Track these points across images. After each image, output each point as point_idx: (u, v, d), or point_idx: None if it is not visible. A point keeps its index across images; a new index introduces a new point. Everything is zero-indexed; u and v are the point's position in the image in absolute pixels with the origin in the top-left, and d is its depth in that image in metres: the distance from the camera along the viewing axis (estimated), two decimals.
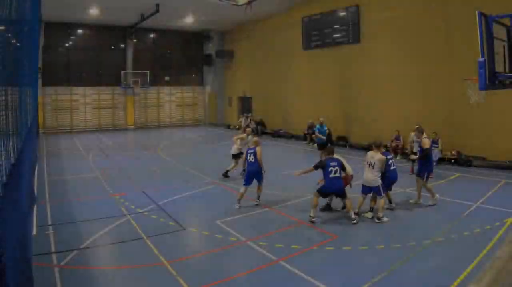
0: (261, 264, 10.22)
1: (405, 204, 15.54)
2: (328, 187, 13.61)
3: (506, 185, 18.36)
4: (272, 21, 40.02)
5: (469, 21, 21.09)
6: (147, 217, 14.21)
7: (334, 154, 14.28)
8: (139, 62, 45.91)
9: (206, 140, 36.68)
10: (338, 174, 13.59)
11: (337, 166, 13.66)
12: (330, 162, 13.74)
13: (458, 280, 9.08)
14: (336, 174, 13.55)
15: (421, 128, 16.99)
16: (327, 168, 13.60)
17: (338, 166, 13.67)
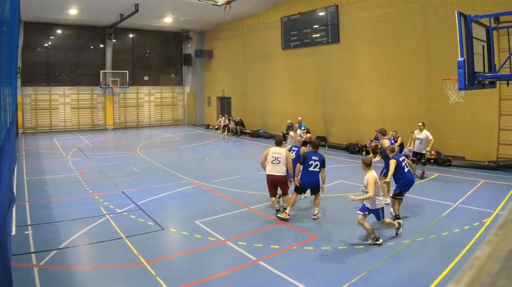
0: (241, 264, 10.25)
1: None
2: (304, 180, 13.72)
3: (485, 185, 18.48)
4: (252, 21, 39.95)
5: (448, 21, 21.33)
6: (126, 217, 14.16)
7: (318, 149, 14.41)
8: (118, 62, 45.66)
9: (185, 140, 36.60)
10: (318, 169, 13.67)
11: (318, 161, 13.70)
12: (312, 155, 13.84)
13: (437, 280, 9.17)
14: (316, 168, 13.64)
15: (384, 130, 17.34)
16: (308, 160, 13.72)
17: (319, 161, 13.72)
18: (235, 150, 32.04)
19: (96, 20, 40.72)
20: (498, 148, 22.01)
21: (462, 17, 10.26)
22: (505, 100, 21.55)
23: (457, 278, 0.75)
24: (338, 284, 9.10)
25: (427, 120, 24.40)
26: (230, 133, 40.05)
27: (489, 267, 0.73)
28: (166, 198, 16.83)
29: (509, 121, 21.66)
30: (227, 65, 45.44)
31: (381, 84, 27.68)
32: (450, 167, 22.45)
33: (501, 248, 0.80)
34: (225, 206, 15.50)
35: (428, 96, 24.59)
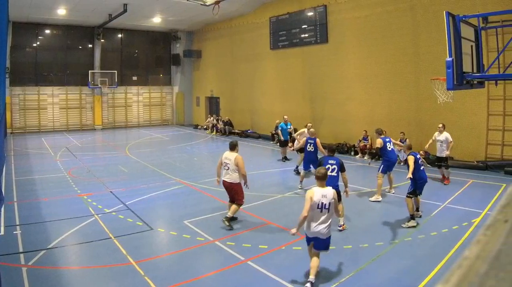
0: (229, 264, 10.25)
1: (371, 204, 15.69)
2: None
3: (474, 185, 18.54)
4: (240, 21, 39.88)
5: (437, 21, 21.38)
6: (115, 217, 14.15)
7: (334, 153, 14.00)
8: (107, 62, 45.52)
9: (174, 140, 36.50)
10: (335, 173, 12.86)
11: (335, 164, 13.00)
12: (328, 159, 13.22)
13: (425, 280, 9.19)
14: (333, 173, 12.75)
15: (380, 130, 17.42)
16: (324, 165, 12.54)
17: (336, 165, 13.00)
18: (223, 150, 31.41)
19: (84, 20, 40.60)
20: (487, 148, 22.06)
21: (450, 17, 10.24)
22: (493, 101, 21.65)
23: (446, 278, 0.76)
24: (326, 284, 9.11)
25: (416, 121, 24.46)
26: (219, 133, 39.99)
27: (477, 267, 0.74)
28: (154, 198, 16.80)
29: (498, 122, 21.72)
30: (215, 65, 45.36)
31: (369, 84, 27.72)
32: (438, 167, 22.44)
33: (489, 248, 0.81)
34: (213, 206, 15.48)
35: (417, 96, 24.63)
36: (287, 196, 16.94)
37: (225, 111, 42.87)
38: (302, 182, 17.85)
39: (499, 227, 0.91)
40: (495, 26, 15.59)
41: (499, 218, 0.96)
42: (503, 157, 21.58)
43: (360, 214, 14.38)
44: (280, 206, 15.72)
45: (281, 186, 18.57)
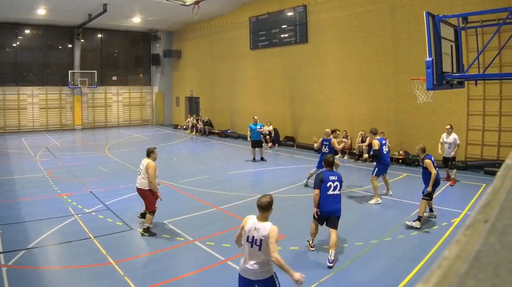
0: (209, 264, 10.27)
1: (352, 205, 15.70)
2: (324, 208, 10.85)
3: (454, 185, 18.62)
4: (220, 21, 39.81)
5: (416, 21, 21.48)
6: (95, 217, 14.11)
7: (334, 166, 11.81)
8: (87, 62, 45.20)
9: (154, 140, 36.32)
10: (338, 191, 11.02)
11: (337, 181, 11.01)
12: (329, 175, 11.04)
13: (405, 280, 9.25)
14: (336, 191, 10.95)
15: (375, 129, 17.37)
16: (325, 182, 10.89)
17: (338, 181, 11.03)
18: (203, 150, 31.95)
19: (64, 20, 40.32)
20: (467, 148, 22.15)
21: (430, 17, 10.27)
22: (473, 101, 21.76)
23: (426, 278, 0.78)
24: (306, 284, 9.05)
25: (396, 121, 24.53)
26: (199, 133, 39.95)
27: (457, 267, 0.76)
28: (134, 198, 16.57)
29: (478, 122, 21.85)
30: (195, 65, 45.30)
31: (349, 84, 27.76)
32: (419, 167, 22.26)
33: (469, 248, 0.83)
34: (193, 206, 15.49)
35: (396, 96, 24.71)
36: None
37: (205, 111, 42.79)
38: (309, 179, 17.82)
39: (479, 227, 0.93)
40: (475, 26, 15.69)
41: (479, 218, 0.98)
42: (483, 156, 21.69)
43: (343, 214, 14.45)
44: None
45: (260, 186, 18.56)
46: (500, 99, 21.04)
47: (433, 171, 13.34)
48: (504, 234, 0.85)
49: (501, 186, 1.17)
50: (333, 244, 10.39)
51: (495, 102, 21.21)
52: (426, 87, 10.71)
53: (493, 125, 21.42)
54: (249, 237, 7.36)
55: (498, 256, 0.77)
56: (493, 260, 0.76)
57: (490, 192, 1.13)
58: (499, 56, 15.34)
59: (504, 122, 21.09)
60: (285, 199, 16.19)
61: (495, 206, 1.01)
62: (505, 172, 1.32)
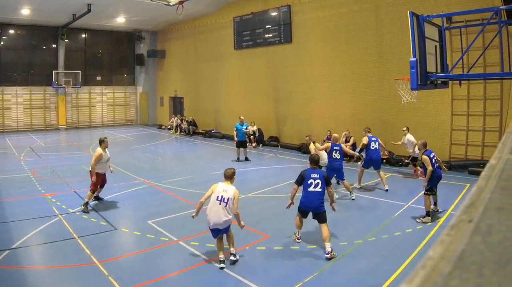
0: (193, 264, 10.26)
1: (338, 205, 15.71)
2: (304, 204, 11.50)
3: (438, 185, 18.53)
4: (204, 21, 39.73)
5: (401, 21, 21.52)
6: (79, 217, 14.04)
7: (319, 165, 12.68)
8: (71, 62, 45.00)
9: (138, 140, 36.25)
10: (320, 188, 11.38)
11: (319, 178, 11.45)
12: (311, 173, 11.61)
13: (389, 280, 9.24)
14: (317, 188, 11.37)
15: (369, 128, 17.85)
16: (307, 179, 11.51)
17: (320, 179, 11.45)
18: (187, 150, 31.93)
19: (48, 20, 40.14)
20: (451, 148, 22.25)
21: (414, 17, 10.29)
22: (457, 101, 21.86)
23: (410, 278, 0.78)
24: (290, 284, 9.14)
25: (380, 121, 24.60)
26: (183, 133, 39.90)
27: (441, 267, 0.76)
28: (118, 198, 16.67)
29: (462, 122, 21.92)
30: (179, 65, 45.25)
31: (333, 84, 27.77)
32: (403, 167, 22.48)
33: (453, 248, 0.83)
34: (177, 206, 15.47)
35: (381, 96, 24.77)
36: (250, 196, 16.91)
37: (189, 111, 42.78)
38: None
39: (463, 227, 0.93)
40: (459, 26, 15.76)
41: (463, 218, 0.98)
42: (467, 156, 21.76)
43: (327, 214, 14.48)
44: (244, 206, 15.59)
45: (245, 186, 18.49)
46: (484, 99, 21.14)
47: (429, 167, 13.55)
48: (488, 234, 0.85)
49: (485, 186, 1.18)
50: (326, 237, 10.87)
51: (479, 103, 21.31)
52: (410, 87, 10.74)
53: (477, 125, 21.52)
54: (219, 196, 10.40)
55: (482, 256, 0.77)
56: (477, 260, 0.76)
57: (474, 192, 1.14)
58: (483, 56, 15.34)
59: (488, 123, 21.18)
60: (269, 199, 16.20)
61: (479, 206, 1.01)
62: (489, 172, 1.33)
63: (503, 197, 1.05)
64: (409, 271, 1.13)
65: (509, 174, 1.25)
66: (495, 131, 20.93)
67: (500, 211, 0.97)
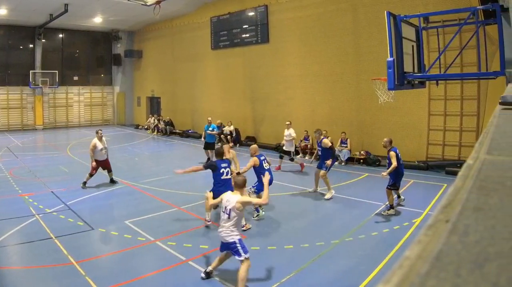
0: (170, 264, 10.23)
1: (312, 205, 15.79)
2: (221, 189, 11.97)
3: (415, 185, 18.56)
4: (181, 21, 39.61)
5: (378, 21, 21.56)
6: (56, 217, 13.95)
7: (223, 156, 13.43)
8: (48, 62, 44.60)
9: (115, 140, 35.96)
10: (230, 176, 12.73)
11: (228, 167, 13.05)
12: (220, 163, 12.99)
13: (366, 280, 9.24)
14: (228, 175, 12.80)
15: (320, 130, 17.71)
16: (219, 169, 12.83)
17: (229, 167, 13.10)
18: (164, 150, 31.86)
19: (25, 20, 39.74)
20: (428, 147, 22.27)
21: (391, 17, 10.23)
22: (434, 100, 21.91)
23: (387, 278, 0.79)
24: (267, 284, 9.15)
25: (357, 121, 24.65)
26: (160, 133, 39.72)
27: (418, 267, 0.78)
28: (95, 198, 16.61)
29: (439, 122, 21.97)
30: (156, 65, 45.06)
31: (310, 84, 27.76)
32: (379, 167, 22.22)
33: (430, 248, 0.84)
34: (154, 206, 15.42)
35: (358, 96, 24.72)
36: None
37: (166, 111, 42.61)
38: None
39: (440, 227, 0.94)
40: (436, 26, 15.79)
41: (440, 218, 0.99)
42: (444, 157, 21.80)
43: (301, 214, 14.43)
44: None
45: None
46: (461, 99, 21.23)
47: (394, 163, 13.92)
48: (465, 234, 0.87)
49: (463, 186, 1.19)
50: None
51: (456, 102, 21.40)
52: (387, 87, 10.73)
53: (454, 125, 21.60)
54: (223, 208, 9.48)
55: (459, 256, 0.79)
56: (454, 260, 0.77)
57: (451, 192, 1.16)
58: (460, 56, 15.39)
59: (465, 123, 21.29)
60: None
61: (457, 206, 1.03)
62: (466, 172, 1.35)
63: (480, 197, 1.06)
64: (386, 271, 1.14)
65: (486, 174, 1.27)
66: (472, 131, 21.03)
67: (477, 211, 0.98)
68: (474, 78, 18.52)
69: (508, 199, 1.06)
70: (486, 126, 2.36)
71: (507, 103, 3.19)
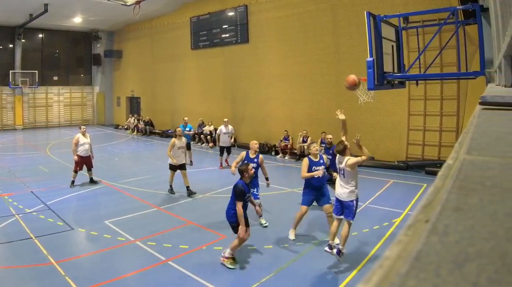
0: (150, 264, 10.18)
1: (291, 205, 15.66)
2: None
3: (395, 185, 18.59)
4: (161, 21, 39.43)
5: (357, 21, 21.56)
6: (36, 217, 13.85)
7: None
8: (28, 62, 44.15)
9: (95, 140, 35.43)
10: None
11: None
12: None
13: (346, 280, 9.28)
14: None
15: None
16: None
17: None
18: (144, 150, 31.72)
19: (5, 20, 39.36)
20: (408, 148, 22.31)
21: (371, 17, 10.16)
22: (414, 101, 21.96)
23: (367, 278, 0.79)
24: (247, 284, 9.14)
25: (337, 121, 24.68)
26: (140, 133, 39.49)
27: (398, 267, 0.78)
28: (75, 198, 16.53)
29: (419, 122, 22.03)
30: (136, 65, 44.86)
31: (290, 84, 27.74)
32: (360, 167, 22.18)
33: (410, 248, 0.85)
34: (134, 206, 15.36)
35: (338, 96, 24.50)
36: (207, 196, 16.90)
37: (146, 112, 42.40)
38: None
39: (420, 227, 0.95)
40: (416, 26, 15.79)
41: (420, 218, 1.00)
42: (423, 157, 21.82)
43: (281, 214, 14.42)
44: (200, 206, 15.66)
45: (201, 186, 18.41)
46: (441, 99, 21.31)
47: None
48: (445, 234, 0.87)
49: (442, 186, 1.20)
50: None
51: (436, 103, 21.47)
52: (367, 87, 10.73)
53: (434, 125, 21.67)
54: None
55: (439, 256, 0.79)
56: (434, 260, 0.78)
57: (431, 192, 1.16)
58: (440, 56, 15.36)
59: (445, 123, 21.37)
60: (226, 199, 16.10)
61: (436, 206, 1.03)
62: (446, 172, 1.36)
63: (460, 197, 1.06)
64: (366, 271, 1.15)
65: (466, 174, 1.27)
66: (452, 131, 21.11)
67: (457, 211, 0.98)
68: (454, 78, 18.58)
69: (487, 199, 1.06)
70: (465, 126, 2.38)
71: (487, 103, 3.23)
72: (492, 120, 2.60)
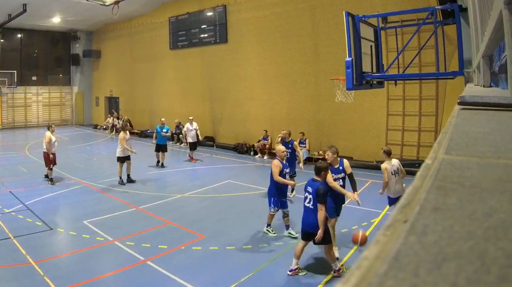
0: (129, 264, 10.17)
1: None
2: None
3: (373, 185, 18.32)
4: (140, 21, 39.26)
5: (336, 21, 21.56)
6: (14, 217, 13.78)
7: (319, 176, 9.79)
8: (6, 62, 43.64)
9: (73, 140, 35.50)
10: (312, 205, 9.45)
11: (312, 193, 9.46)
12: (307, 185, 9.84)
13: (325, 280, 9.32)
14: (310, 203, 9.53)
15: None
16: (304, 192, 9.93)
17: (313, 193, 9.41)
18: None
19: None
20: None
21: (350, 17, 10.23)
22: (392, 100, 22.00)
23: (345, 278, 0.81)
24: (225, 284, 9.13)
25: (316, 121, 24.66)
26: (118, 133, 39.05)
27: (377, 267, 0.80)
28: (54, 198, 16.44)
29: (397, 122, 22.07)
30: (115, 65, 44.64)
31: (269, 84, 27.75)
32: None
33: (389, 248, 0.86)
34: (113, 205, 15.33)
35: (317, 96, 24.70)
36: (186, 196, 16.88)
37: (125, 111, 42.08)
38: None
39: (398, 227, 0.96)
40: (395, 26, 15.86)
41: (398, 218, 1.01)
42: (402, 157, 21.49)
43: (260, 214, 14.45)
44: (179, 206, 15.65)
45: (180, 186, 18.40)
46: (420, 99, 21.37)
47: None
48: (423, 234, 0.89)
49: (421, 186, 1.23)
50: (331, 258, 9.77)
51: (415, 102, 21.53)
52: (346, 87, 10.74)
53: (412, 125, 21.72)
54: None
55: (417, 256, 0.81)
56: (412, 260, 0.80)
57: (410, 192, 1.18)
58: (418, 56, 15.33)
59: (424, 123, 21.43)
60: (204, 199, 16.18)
61: (415, 206, 1.05)
62: (424, 172, 1.38)
63: (438, 197, 1.08)
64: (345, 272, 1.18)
65: (444, 174, 1.29)
66: (430, 131, 21.18)
67: (435, 211, 1.00)
68: (433, 78, 18.55)
69: (466, 199, 1.08)
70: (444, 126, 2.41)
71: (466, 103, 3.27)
72: (470, 120, 2.63)
